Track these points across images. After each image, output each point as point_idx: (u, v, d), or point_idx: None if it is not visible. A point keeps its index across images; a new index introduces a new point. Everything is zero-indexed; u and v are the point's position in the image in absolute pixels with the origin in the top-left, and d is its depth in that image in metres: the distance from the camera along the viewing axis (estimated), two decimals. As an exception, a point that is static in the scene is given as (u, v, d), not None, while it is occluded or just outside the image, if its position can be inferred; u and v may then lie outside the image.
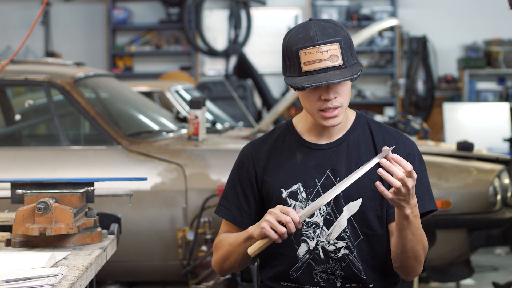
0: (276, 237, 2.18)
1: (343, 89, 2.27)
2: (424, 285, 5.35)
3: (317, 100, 2.27)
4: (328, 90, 2.25)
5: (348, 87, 2.29)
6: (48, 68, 4.89)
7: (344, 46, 2.24)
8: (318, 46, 2.22)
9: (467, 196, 4.47)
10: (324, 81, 2.19)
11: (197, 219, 4.43)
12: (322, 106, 2.27)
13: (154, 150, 4.58)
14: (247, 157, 2.43)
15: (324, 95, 2.26)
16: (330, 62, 2.22)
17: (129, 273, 4.70)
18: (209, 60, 10.21)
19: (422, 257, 2.31)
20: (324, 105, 2.27)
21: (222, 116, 6.84)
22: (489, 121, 8.08)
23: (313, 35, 2.23)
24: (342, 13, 9.91)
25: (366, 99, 10.05)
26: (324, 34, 2.23)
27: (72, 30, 10.30)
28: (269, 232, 2.18)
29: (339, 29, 2.26)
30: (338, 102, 2.27)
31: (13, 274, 1.94)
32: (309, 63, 2.22)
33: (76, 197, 2.45)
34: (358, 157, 2.35)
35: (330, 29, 2.24)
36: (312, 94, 2.27)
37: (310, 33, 2.23)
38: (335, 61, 2.22)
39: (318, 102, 2.27)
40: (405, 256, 2.28)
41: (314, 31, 2.23)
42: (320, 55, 2.22)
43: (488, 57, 9.76)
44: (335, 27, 2.26)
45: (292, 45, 2.25)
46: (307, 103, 2.30)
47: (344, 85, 2.27)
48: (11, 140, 5.05)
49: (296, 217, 2.17)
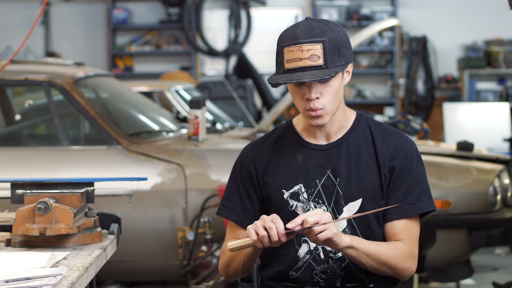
0: (254, 238, 2.16)
1: (327, 90, 2.26)
2: (424, 285, 5.35)
3: (301, 99, 2.28)
4: (310, 89, 2.25)
5: (334, 88, 2.27)
6: (48, 68, 4.89)
7: (329, 47, 2.23)
8: (300, 44, 2.23)
9: (467, 196, 4.47)
10: (296, 79, 2.20)
11: (197, 219, 4.44)
12: (306, 106, 2.28)
13: (154, 150, 4.58)
14: (248, 157, 2.42)
15: (307, 94, 2.26)
16: (310, 61, 2.22)
17: (129, 273, 4.70)
18: (209, 60, 10.21)
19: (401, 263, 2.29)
20: (308, 105, 2.27)
21: (222, 116, 6.84)
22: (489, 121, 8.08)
23: (298, 33, 2.24)
24: (342, 13, 9.91)
25: (366, 99, 10.04)
26: (308, 34, 2.23)
27: (72, 30, 10.30)
28: (250, 233, 2.17)
29: (328, 30, 2.25)
30: (320, 103, 2.26)
31: (13, 274, 1.94)
32: (291, 61, 2.24)
33: (76, 197, 2.45)
34: (358, 157, 2.35)
35: (318, 29, 2.25)
36: (297, 93, 2.28)
37: (296, 31, 2.25)
38: (316, 60, 2.22)
39: (303, 102, 2.28)
40: (373, 270, 2.28)
41: (300, 30, 2.24)
42: (301, 53, 2.22)
43: (488, 57, 9.76)
44: (324, 27, 2.25)
45: (280, 42, 2.28)
46: (295, 102, 2.32)
47: (328, 86, 2.26)
48: (11, 140, 5.05)
49: (281, 229, 2.15)
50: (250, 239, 2.17)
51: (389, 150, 2.35)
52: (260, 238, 2.15)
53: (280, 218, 2.30)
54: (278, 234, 2.14)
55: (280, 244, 2.16)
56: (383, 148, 2.35)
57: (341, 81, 2.30)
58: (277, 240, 2.15)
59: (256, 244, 2.16)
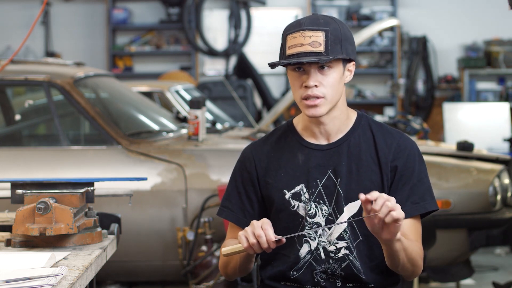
0: (245, 245, 2.16)
1: (326, 80, 2.27)
2: (424, 285, 5.35)
3: (300, 87, 2.28)
4: (309, 76, 2.26)
5: (334, 80, 2.28)
6: (48, 68, 4.89)
7: (332, 37, 2.25)
8: (302, 31, 2.25)
9: (467, 196, 4.47)
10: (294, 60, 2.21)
11: (197, 219, 4.44)
12: (304, 94, 2.28)
13: (154, 150, 4.58)
14: (249, 158, 2.42)
15: (305, 81, 2.26)
16: (311, 47, 2.23)
17: (129, 273, 4.70)
18: (209, 60, 10.21)
19: (420, 261, 2.30)
20: (305, 92, 2.27)
21: (222, 116, 6.84)
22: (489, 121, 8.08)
23: (302, 22, 2.27)
24: (342, 13, 9.91)
25: (366, 99, 10.04)
26: (312, 23, 2.26)
27: (72, 30, 10.30)
28: (241, 240, 2.18)
29: (332, 22, 2.28)
30: (319, 91, 2.26)
31: (13, 274, 1.94)
32: (292, 47, 2.26)
33: (76, 197, 2.45)
34: (358, 158, 2.35)
35: (322, 20, 2.27)
36: (297, 80, 2.29)
37: (300, 21, 2.28)
38: (317, 47, 2.24)
39: (301, 89, 2.28)
40: (400, 267, 2.28)
41: (305, 20, 2.28)
42: (303, 39, 2.24)
43: (488, 57, 9.76)
44: (329, 20, 2.28)
45: (284, 31, 2.31)
46: (293, 91, 2.32)
47: (327, 76, 2.27)
48: (11, 140, 5.05)
49: (270, 236, 2.15)
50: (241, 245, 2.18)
51: (391, 150, 2.35)
52: (250, 245, 2.16)
53: (281, 219, 2.31)
54: (268, 241, 2.15)
55: (270, 250, 2.17)
56: (385, 148, 2.35)
57: (342, 76, 2.30)
58: (267, 247, 2.15)
59: (247, 251, 2.17)
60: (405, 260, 2.24)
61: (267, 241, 2.14)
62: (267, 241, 2.14)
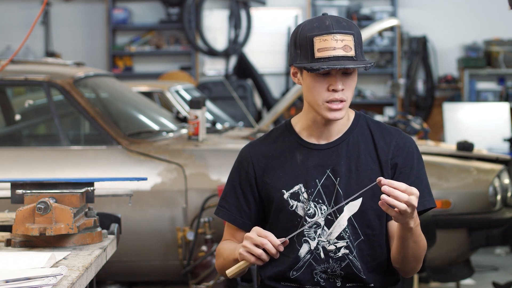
0: (253, 260, 2.18)
1: (350, 83, 2.29)
2: (424, 285, 5.35)
3: (325, 90, 2.28)
4: (337, 80, 2.26)
5: (355, 83, 2.31)
6: (48, 68, 4.89)
7: (357, 41, 2.27)
8: (333, 34, 2.24)
9: (467, 196, 4.47)
10: (339, 65, 2.21)
11: (197, 219, 4.44)
12: (329, 97, 2.27)
13: (154, 150, 4.58)
14: (247, 158, 2.42)
15: (333, 84, 2.26)
16: (343, 51, 2.24)
17: (129, 273, 4.70)
18: (209, 60, 10.21)
19: (421, 258, 2.33)
20: (331, 96, 2.27)
21: (222, 116, 6.85)
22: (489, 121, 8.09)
23: (328, 24, 2.26)
24: (342, 13, 9.90)
25: (366, 99, 10.04)
26: (339, 25, 2.26)
27: (72, 30, 10.30)
28: (245, 257, 2.19)
29: (353, 25, 2.29)
30: (344, 95, 2.28)
31: (13, 274, 1.94)
32: (323, 50, 2.24)
33: (76, 197, 2.45)
34: (357, 157, 2.35)
35: (344, 22, 2.28)
36: (321, 83, 2.28)
37: (325, 22, 2.27)
38: (348, 51, 2.24)
39: (326, 93, 2.28)
40: (406, 260, 2.29)
41: (330, 22, 2.27)
42: (335, 43, 2.24)
43: (488, 57, 9.76)
44: (349, 22, 2.30)
45: (306, 32, 2.27)
46: (314, 93, 2.29)
47: (352, 80, 2.29)
48: (11, 140, 5.05)
49: (275, 240, 2.16)
50: (245, 261, 2.19)
51: (390, 148, 2.35)
52: (258, 257, 2.17)
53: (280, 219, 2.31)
54: (274, 245, 2.16)
55: (278, 255, 2.18)
56: (384, 146, 2.36)
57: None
58: (275, 253, 2.17)
59: (257, 263, 2.18)
60: (416, 252, 2.27)
61: (274, 245, 2.15)
62: (274, 246, 2.15)
